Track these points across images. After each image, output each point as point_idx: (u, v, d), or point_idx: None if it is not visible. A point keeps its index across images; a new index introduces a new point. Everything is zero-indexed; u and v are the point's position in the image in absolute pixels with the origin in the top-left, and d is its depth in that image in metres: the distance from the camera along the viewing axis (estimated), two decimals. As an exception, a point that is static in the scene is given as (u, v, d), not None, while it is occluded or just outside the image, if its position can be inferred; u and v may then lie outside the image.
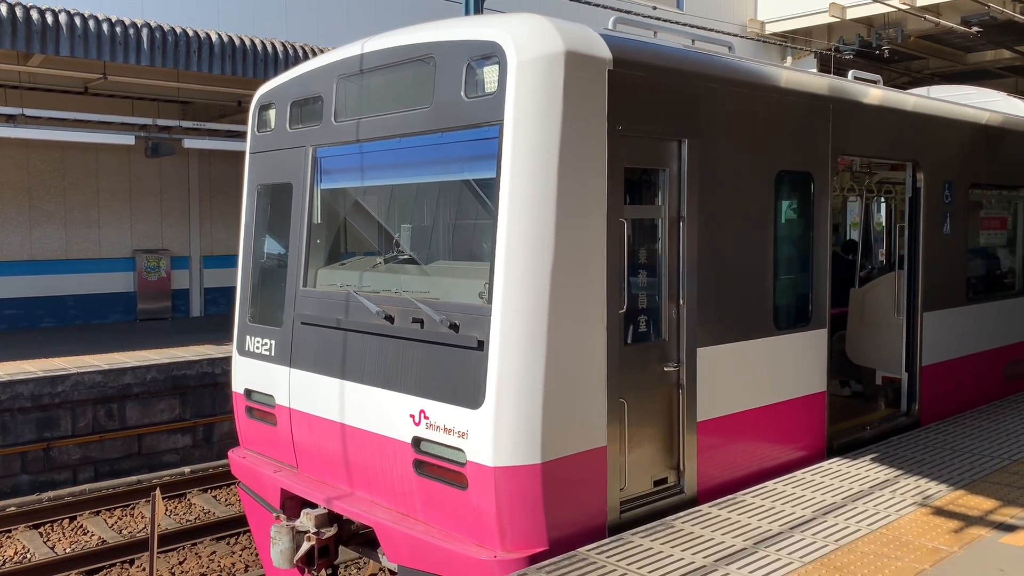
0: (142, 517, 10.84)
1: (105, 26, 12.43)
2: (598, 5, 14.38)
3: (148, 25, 12.85)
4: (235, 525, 10.23)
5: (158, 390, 12.82)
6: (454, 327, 5.54)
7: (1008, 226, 10.36)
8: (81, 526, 10.49)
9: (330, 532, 6.48)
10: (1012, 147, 9.88)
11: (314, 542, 6.39)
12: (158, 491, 6.54)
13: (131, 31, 12.66)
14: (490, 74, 5.48)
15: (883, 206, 13.69)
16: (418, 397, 5.77)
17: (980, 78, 26.69)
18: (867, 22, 23.64)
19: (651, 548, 5.31)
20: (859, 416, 8.61)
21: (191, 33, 13.24)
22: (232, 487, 11.78)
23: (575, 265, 5.39)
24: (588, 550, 5.28)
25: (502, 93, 5.36)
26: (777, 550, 5.30)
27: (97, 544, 9.93)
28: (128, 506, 11.11)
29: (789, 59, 25.56)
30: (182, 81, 14.86)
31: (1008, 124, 9.76)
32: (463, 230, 6.14)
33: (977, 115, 9.24)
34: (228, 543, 9.99)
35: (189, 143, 15.94)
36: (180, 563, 9.48)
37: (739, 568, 5.03)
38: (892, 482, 6.61)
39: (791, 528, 5.66)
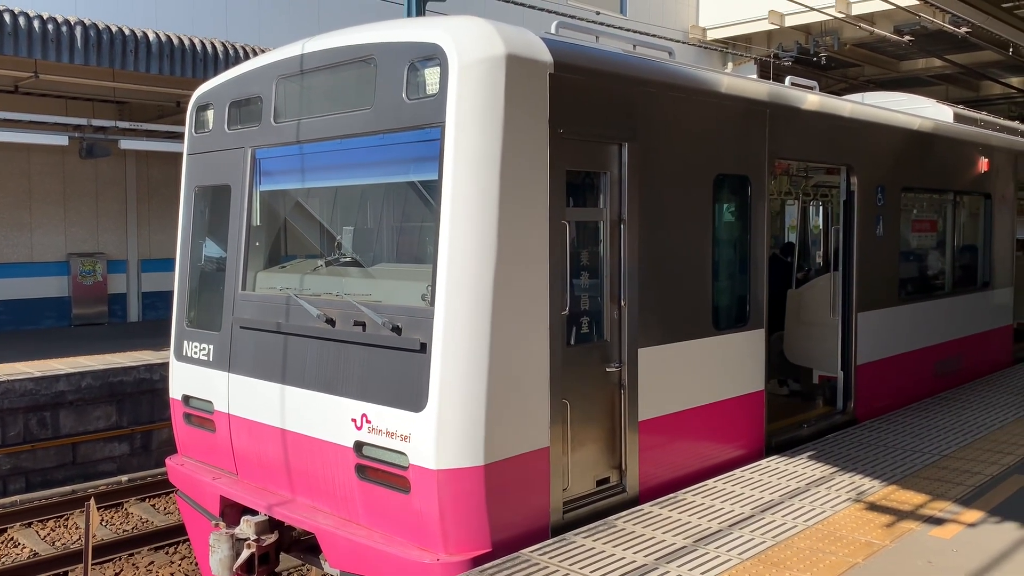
0: (76, 528, 10.54)
1: (36, 23, 12.07)
2: (542, 9, 14.46)
3: (82, 23, 12.52)
4: (174, 534, 10.01)
5: (93, 397, 12.48)
6: (396, 330, 5.51)
7: (938, 228, 10.70)
8: (12, 539, 10.15)
9: (271, 539, 6.39)
10: (941, 152, 10.21)
11: (254, 549, 6.29)
12: (92, 501, 6.36)
13: (64, 29, 12.31)
14: (431, 76, 5.47)
15: (820, 209, 14.03)
16: (360, 401, 5.72)
17: (913, 85, 27.52)
18: (805, 29, 24.22)
19: (594, 548, 5.34)
20: (797, 414, 8.80)
21: (127, 32, 12.94)
22: (171, 495, 11.53)
23: (517, 267, 5.40)
24: (531, 551, 5.29)
25: (443, 95, 5.35)
26: (717, 547, 5.38)
27: (29, 557, 9.62)
28: (61, 517, 10.78)
29: (730, 65, 26.04)
30: (118, 81, 14.51)
31: (937, 130, 10.08)
32: (405, 232, 6.11)
33: (909, 121, 9.52)
34: (167, 552, 9.77)
35: (126, 144, 15.57)
36: (116, 574, 9.24)
37: (679, 566, 5.10)
38: (828, 479, 6.77)
39: (730, 525, 5.76)
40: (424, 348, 5.33)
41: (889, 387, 9.24)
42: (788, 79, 8.54)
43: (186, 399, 7.34)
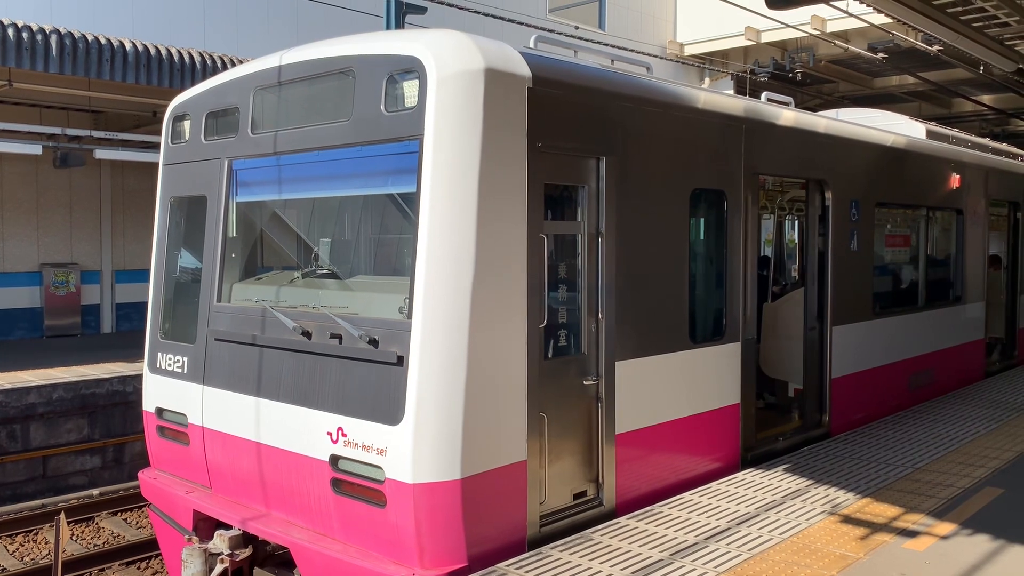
0: (46, 543, 10.36)
1: (11, 31, 11.95)
2: (521, 23, 14.53)
3: (57, 31, 12.40)
4: (146, 549, 9.87)
5: (65, 409, 12.30)
6: (373, 342, 5.48)
7: (911, 243, 10.83)
8: (-21, 554, 9.98)
9: (244, 554, 6.32)
10: (914, 168, 10.34)
11: (228, 564, 6.22)
12: (62, 515, 6.26)
13: (39, 37, 12.19)
14: (410, 88, 5.47)
15: (795, 223, 14.15)
16: (336, 414, 5.68)
17: (886, 102, 27.89)
18: (781, 46, 24.51)
19: (570, 562, 5.33)
20: (772, 427, 8.84)
21: (103, 41, 12.83)
22: (143, 509, 11.38)
23: (495, 280, 5.40)
24: (507, 565, 5.27)
25: (422, 108, 5.36)
26: (692, 561, 5.39)
27: (-4, 572, 9.46)
28: (31, 531, 10.60)
29: (707, 80, 26.28)
30: (94, 90, 14.38)
31: (911, 147, 10.22)
32: (383, 244, 6.10)
33: (882, 137, 9.65)
34: (138, 567, 9.63)
35: (101, 153, 15.41)
36: (86, 590, 9.10)
37: (656, 579, 5.10)
38: (803, 492, 6.80)
39: (706, 538, 5.77)
40: (401, 361, 5.31)
41: (863, 400, 9.31)
42: (764, 95, 8.63)
43: (160, 412, 7.26)
